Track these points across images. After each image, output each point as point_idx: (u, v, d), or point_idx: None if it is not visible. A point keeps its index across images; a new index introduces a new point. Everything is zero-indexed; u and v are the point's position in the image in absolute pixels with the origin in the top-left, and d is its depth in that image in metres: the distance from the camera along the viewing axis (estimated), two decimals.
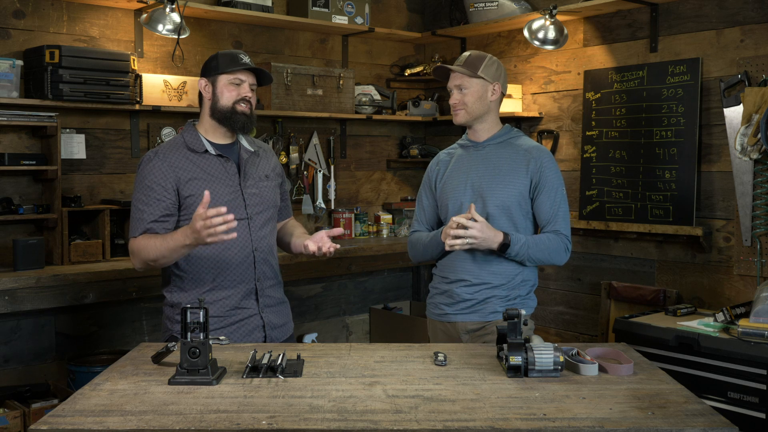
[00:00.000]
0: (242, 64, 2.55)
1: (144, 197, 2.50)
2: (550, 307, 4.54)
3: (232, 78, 2.55)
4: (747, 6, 3.67)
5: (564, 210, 2.72)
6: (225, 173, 2.57)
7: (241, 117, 2.56)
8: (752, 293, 3.53)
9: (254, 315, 2.57)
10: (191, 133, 2.60)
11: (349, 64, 4.93)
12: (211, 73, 2.57)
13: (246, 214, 2.57)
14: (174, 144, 2.59)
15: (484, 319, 2.71)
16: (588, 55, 4.35)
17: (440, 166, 2.88)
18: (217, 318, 2.51)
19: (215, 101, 2.57)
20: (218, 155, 2.58)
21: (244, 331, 2.55)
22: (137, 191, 2.54)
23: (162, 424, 1.70)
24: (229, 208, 2.51)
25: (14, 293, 3.23)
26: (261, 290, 2.59)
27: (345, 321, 4.98)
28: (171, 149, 2.57)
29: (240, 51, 2.62)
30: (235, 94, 2.55)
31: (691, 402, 1.87)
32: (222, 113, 2.56)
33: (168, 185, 2.50)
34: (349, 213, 4.83)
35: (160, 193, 2.49)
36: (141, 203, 2.51)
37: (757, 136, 3.43)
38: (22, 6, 3.68)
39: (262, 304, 2.59)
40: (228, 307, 2.53)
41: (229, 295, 2.53)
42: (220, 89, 2.56)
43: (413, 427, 1.70)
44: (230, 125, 2.57)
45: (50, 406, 3.30)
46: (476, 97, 2.73)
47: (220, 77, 2.55)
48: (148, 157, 2.56)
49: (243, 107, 2.56)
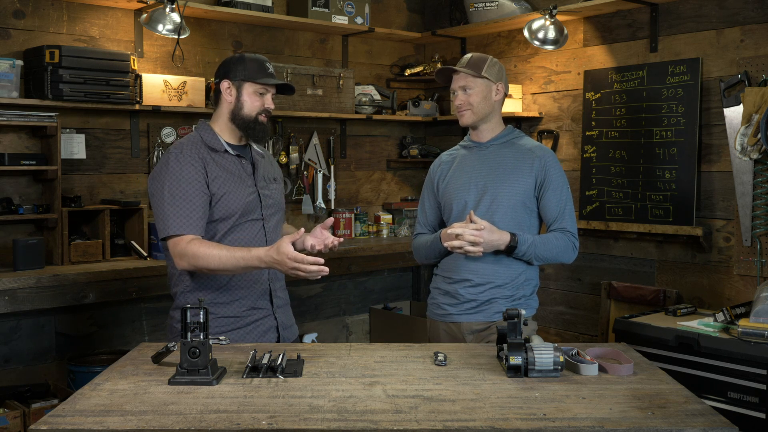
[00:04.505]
0: (269, 75, 2.52)
1: (181, 192, 2.39)
2: (550, 307, 4.54)
3: (259, 88, 2.51)
4: (747, 6, 3.67)
5: (570, 208, 2.74)
6: (245, 173, 2.55)
7: (261, 127, 2.54)
8: (752, 293, 3.53)
9: (269, 315, 2.56)
10: (208, 132, 2.54)
11: (349, 64, 4.93)
12: (237, 76, 2.51)
13: (261, 215, 2.56)
14: (193, 141, 2.51)
15: (489, 320, 2.71)
16: (588, 55, 4.35)
17: (443, 167, 2.88)
18: (234, 318, 2.49)
19: (238, 107, 2.52)
20: (237, 155, 2.55)
21: (259, 332, 2.54)
22: (171, 186, 2.40)
23: (162, 424, 1.70)
24: (248, 208, 2.50)
25: (14, 293, 3.23)
26: (274, 291, 2.59)
27: (345, 321, 4.98)
28: (193, 146, 2.49)
29: (265, 58, 2.56)
30: (260, 104, 2.52)
31: (691, 402, 1.87)
32: (244, 121, 2.52)
33: (202, 179, 2.43)
34: (349, 213, 4.83)
35: (198, 188, 2.41)
36: (179, 198, 2.39)
37: (757, 136, 3.43)
38: (22, 6, 3.68)
39: (276, 304, 2.59)
40: (245, 307, 2.52)
41: (246, 295, 2.52)
42: (245, 96, 2.51)
43: (413, 427, 1.70)
44: (250, 134, 2.54)
45: (50, 406, 3.31)
46: (481, 97, 2.74)
47: (246, 84, 2.51)
48: (175, 152, 2.45)
49: (264, 118, 2.54)
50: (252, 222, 2.53)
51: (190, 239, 2.37)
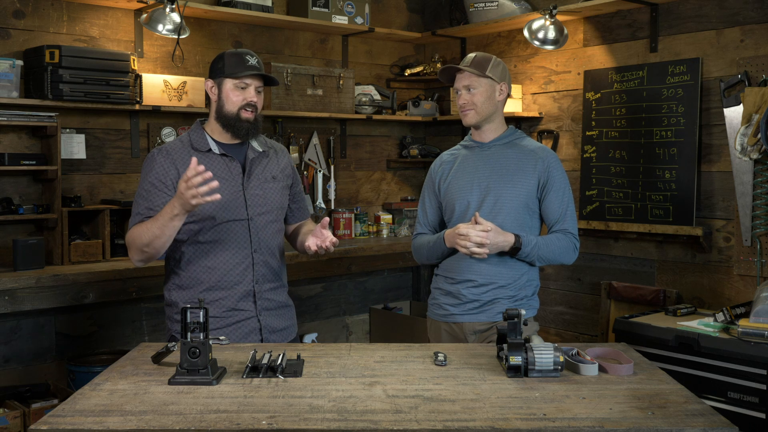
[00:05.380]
0: (248, 68, 2.50)
1: (144, 192, 2.50)
2: (550, 307, 4.54)
3: (237, 82, 2.51)
4: (747, 6, 3.67)
5: (572, 210, 2.74)
6: (228, 173, 2.55)
7: (245, 124, 2.53)
8: (752, 293, 3.53)
9: (251, 317, 2.55)
10: (197, 133, 2.58)
11: (349, 64, 4.93)
12: (217, 74, 2.53)
13: (246, 214, 2.54)
14: (180, 142, 2.58)
15: (492, 320, 2.71)
16: (588, 55, 4.35)
17: (444, 167, 2.87)
18: (215, 318, 2.50)
19: (220, 105, 2.54)
20: (222, 155, 2.56)
21: (240, 333, 2.53)
22: (139, 187, 2.54)
23: (162, 424, 1.70)
24: (228, 208, 2.51)
25: (14, 293, 3.23)
26: (259, 293, 2.56)
27: (345, 321, 4.98)
28: (175, 147, 2.56)
29: (247, 51, 2.55)
30: (241, 99, 2.51)
31: (691, 402, 1.87)
32: (226, 118, 2.53)
33: (169, 182, 2.49)
34: (349, 213, 4.83)
35: (161, 189, 2.49)
36: (140, 198, 2.51)
37: (757, 136, 3.43)
38: (22, 6, 3.68)
39: (260, 307, 2.56)
40: (225, 307, 2.52)
41: (226, 296, 2.52)
42: (225, 93, 2.52)
43: (413, 427, 1.70)
44: (234, 131, 2.54)
45: (50, 406, 3.31)
46: (485, 97, 2.73)
47: (225, 80, 2.52)
48: (152, 154, 2.55)
49: (248, 113, 2.52)
50: (235, 222, 2.53)
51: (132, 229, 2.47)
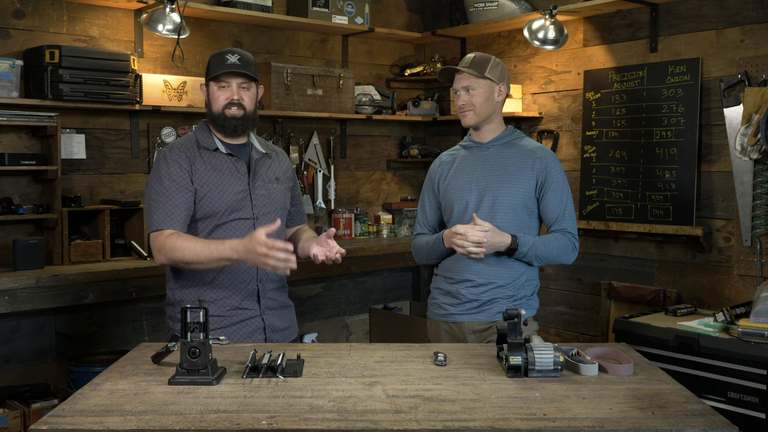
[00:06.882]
0: (225, 66, 2.51)
1: (164, 190, 2.47)
2: (550, 307, 4.54)
3: (220, 82, 2.54)
4: (747, 6, 3.67)
5: (570, 209, 2.74)
6: (236, 172, 2.56)
7: (231, 121, 2.54)
8: (752, 293, 3.53)
9: (255, 317, 2.56)
10: (203, 132, 2.60)
11: (349, 64, 4.93)
12: (205, 77, 2.58)
13: (252, 214, 2.56)
14: (187, 141, 2.59)
15: (491, 320, 2.71)
16: (588, 55, 4.35)
17: (443, 168, 2.87)
18: (218, 317, 2.50)
19: (209, 106, 2.58)
20: (228, 154, 2.57)
21: (244, 332, 2.54)
22: (156, 184, 2.49)
23: (162, 424, 1.70)
24: (235, 207, 2.52)
25: (14, 293, 3.23)
26: (263, 292, 2.58)
27: (345, 321, 4.98)
28: (184, 146, 2.57)
29: (230, 50, 2.56)
30: (223, 98, 2.54)
31: (691, 402, 1.87)
32: (215, 118, 2.56)
33: (186, 177, 2.49)
34: (349, 213, 4.83)
35: (182, 185, 2.48)
36: (161, 196, 2.47)
37: (757, 136, 3.43)
38: (22, 6, 3.68)
39: (264, 306, 2.58)
40: (228, 306, 2.52)
41: (230, 295, 2.53)
42: (211, 94, 2.56)
43: (413, 427, 1.70)
44: (223, 130, 2.56)
45: (50, 406, 3.30)
46: (484, 97, 2.73)
47: (210, 82, 2.56)
48: (163, 153, 2.54)
49: (233, 111, 2.53)
50: (241, 221, 2.53)
51: (168, 233, 2.43)
